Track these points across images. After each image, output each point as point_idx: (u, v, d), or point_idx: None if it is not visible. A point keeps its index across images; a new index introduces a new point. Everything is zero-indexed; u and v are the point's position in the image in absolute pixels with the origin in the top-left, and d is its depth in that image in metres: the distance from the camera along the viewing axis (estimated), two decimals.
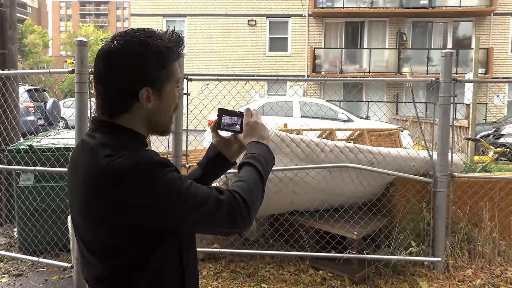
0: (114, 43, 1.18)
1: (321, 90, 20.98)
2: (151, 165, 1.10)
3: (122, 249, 1.12)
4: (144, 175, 1.08)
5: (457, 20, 20.82)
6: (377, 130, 7.26)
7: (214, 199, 1.14)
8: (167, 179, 1.10)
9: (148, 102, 1.19)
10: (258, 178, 1.27)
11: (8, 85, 5.14)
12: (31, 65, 50.27)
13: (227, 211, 1.14)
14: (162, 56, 1.18)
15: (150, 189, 1.07)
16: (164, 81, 1.21)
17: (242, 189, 1.19)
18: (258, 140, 1.40)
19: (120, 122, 1.20)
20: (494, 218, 4.17)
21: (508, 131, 10.97)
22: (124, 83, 1.17)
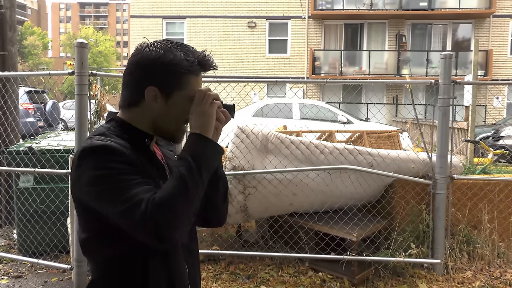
0: (148, 43, 1.28)
1: (321, 92, 20.99)
2: (97, 149, 1.16)
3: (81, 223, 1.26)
4: (87, 157, 1.17)
5: (457, 22, 20.84)
6: (376, 132, 7.26)
7: (130, 205, 1.10)
8: (104, 165, 1.15)
9: (154, 102, 1.26)
10: (181, 184, 1.13)
11: (8, 86, 5.14)
12: (31, 66, 50.30)
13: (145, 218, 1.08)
14: (176, 63, 1.24)
15: (86, 170, 1.16)
16: (174, 87, 1.26)
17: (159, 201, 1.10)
18: (193, 131, 1.23)
19: (126, 115, 1.31)
20: (493, 220, 4.17)
21: (507, 133, 10.98)
22: (136, 78, 1.27)
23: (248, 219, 4.19)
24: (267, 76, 21.27)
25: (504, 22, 20.30)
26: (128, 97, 1.30)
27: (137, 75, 1.27)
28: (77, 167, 1.19)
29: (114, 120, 1.31)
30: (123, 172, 1.15)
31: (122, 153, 1.18)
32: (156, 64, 1.24)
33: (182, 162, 1.17)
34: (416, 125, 8.44)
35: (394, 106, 19.85)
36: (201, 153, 1.20)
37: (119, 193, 1.12)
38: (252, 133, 3.98)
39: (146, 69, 1.25)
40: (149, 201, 1.09)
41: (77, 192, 1.21)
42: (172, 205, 1.10)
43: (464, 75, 17.37)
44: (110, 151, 1.17)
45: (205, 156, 1.20)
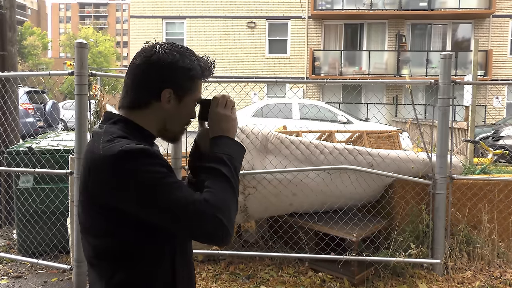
0: (156, 46, 1.29)
1: (321, 92, 20.99)
2: (138, 153, 1.14)
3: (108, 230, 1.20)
4: (129, 162, 1.13)
5: (456, 22, 20.85)
6: (376, 132, 7.27)
7: (184, 205, 1.12)
8: (147, 168, 1.14)
9: (167, 104, 1.28)
10: (227, 184, 1.20)
11: (8, 87, 5.14)
12: (31, 67, 50.30)
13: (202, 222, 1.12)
14: (193, 68, 1.29)
15: (128, 175, 1.13)
16: (187, 91, 1.30)
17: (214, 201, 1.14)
18: (221, 134, 1.31)
19: (132, 116, 1.29)
20: (493, 220, 4.17)
21: (507, 133, 10.98)
22: (152, 79, 1.27)
23: (248, 219, 4.19)
24: (267, 76, 21.27)
25: (503, 22, 20.31)
26: (137, 99, 1.28)
27: (152, 77, 1.26)
28: (115, 171, 1.13)
29: (122, 121, 1.28)
30: (168, 174, 1.16)
31: (161, 156, 1.19)
32: (174, 67, 1.26)
33: (221, 163, 1.23)
34: (416, 125, 8.44)
35: (394, 106, 19.86)
36: (235, 155, 1.28)
37: (173, 195, 1.13)
38: (252, 133, 3.98)
39: (163, 71, 1.26)
40: (203, 201, 1.13)
41: (112, 199, 1.16)
42: (228, 204, 1.16)
43: (464, 75, 17.38)
44: (153, 155, 1.16)
45: (238, 158, 1.29)
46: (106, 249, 1.21)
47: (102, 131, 1.24)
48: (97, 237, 1.22)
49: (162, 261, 1.24)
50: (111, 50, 66.22)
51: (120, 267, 1.22)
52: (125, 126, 1.27)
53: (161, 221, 1.15)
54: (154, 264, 1.23)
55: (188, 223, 1.12)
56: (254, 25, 21.63)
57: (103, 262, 1.23)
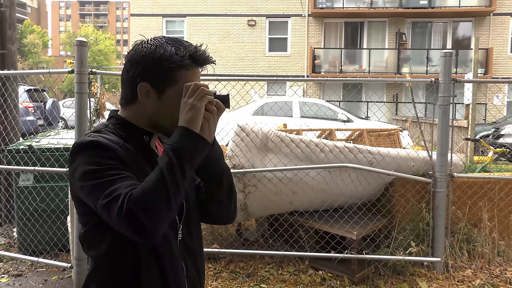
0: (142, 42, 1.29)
1: (321, 90, 20.98)
2: (86, 145, 1.20)
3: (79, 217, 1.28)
4: (77, 153, 1.21)
5: (457, 21, 20.82)
6: (376, 130, 7.26)
7: (109, 200, 1.10)
8: (92, 160, 1.17)
9: (147, 98, 1.27)
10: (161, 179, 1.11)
11: (8, 85, 5.14)
12: (31, 65, 50.26)
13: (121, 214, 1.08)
14: (167, 58, 1.24)
15: (76, 166, 1.20)
16: (165, 83, 1.25)
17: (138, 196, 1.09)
18: (181, 124, 1.20)
19: (125, 112, 1.33)
20: (493, 218, 4.17)
21: (508, 131, 10.98)
22: (130, 75, 1.28)
23: (248, 217, 4.19)
24: (267, 75, 21.25)
25: (504, 20, 20.28)
26: (125, 95, 1.31)
27: (131, 72, 1.28)
28: (70, 162, 1.22)
29: (113, 117, 1.33)
30: (109, 167, 1.16)
31: (110, 149, 1.19)
32: (146, 60, 1.25)
33: (163, 156, 1.15)
34: (416, 124, 8.43)
35: (394, 104, 19.85)
36: (184, 147, 1.16)
37: (102, 188, 1.13)
38: (252, 132, 3.97)
39: (137, 65, 1.26)
40: (126, 196, 1.09)
41: (72, 188, 1.25)
42: (149, 200, 1.09)
43: (464, 73, 17.37)
44: (98, 147, 1.19)
45: (188, 150, 1.16)
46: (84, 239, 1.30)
47: None
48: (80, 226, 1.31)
49: (123, 255, 1.24)
50: (111, 48, 66.15)
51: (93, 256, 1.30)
52: (115, 122, 1.32)
53: (98, 212, 1.17)
54: (116, 257, 1.25)
55: (110, 218, 1.12)
56: (254, 23, 21.61)
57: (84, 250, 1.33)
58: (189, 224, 1.36)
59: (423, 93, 19.69)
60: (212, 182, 1.35)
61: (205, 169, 1.32)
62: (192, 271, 1.36)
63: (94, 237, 1.26)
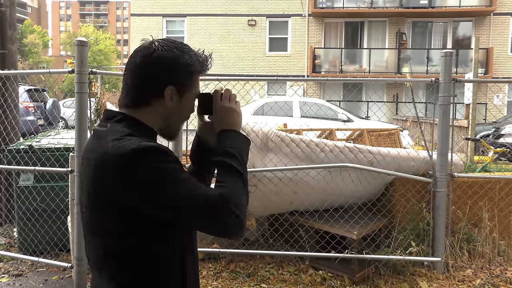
0: (155, 43, 1.28)
1: (321, 90, 20.97)
2: (151, 151, 1.14)
3: (120, 232, 1.18)
4: (142, 160, 1.13)
5: (457, 20, 20.82)
6: (376, 130, 7.26)
7: (203, 201, 1.13)
8: (162, 166, 1.14)
9: (170, 101, 1.29)
10: (239, 178, 1.22)
11: (8, 85, 5.14)
12: (31, 65, 50.26)
13: (217, 218, 1.13)
14: (192, 64, 1.30)
15: (145, 173, 1.12)
16: (187, 87, 1.31)
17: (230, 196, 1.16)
18: (227, 127, 1.32)
19: (135, 115, 1.28)
20: (493, 218, 4.17)
21: (508, 131, 10.97)
22: (155, 77, 1.26)
23: (249, 217, 4.19)
24: (267, 74, 21.25)
25: (504, 20, 20.27)
26: (139, 97, 1.28)
27: (153, 75, 1.26)
28: (126, 171, 1.12)
29: (126, 120, 1.27)
30: (180, 171, 1.17)
31: (171, 153, 1.19)
32: (175, 65, 1.27)
33: (230, 157, 1.25)
34: (417, 123, 8.43)
35: (395, 104, 19.85)
36: (243, 148, 1.30)
37: (189, 191, 1.14)
38: (253, 131, 3.97)
39: (164, 69, 1.26)
40: (220, 196, 1.14)
41: (125, 198, 1.14)
42: (240, 197, 1.18)
43: (464, 73, 17.36)
44: (164, 152, 1.16)
45: (245, 150, 1.31)
46: (116, 250, 1.19)
47: (106, 130, 1.22)
48: (107, 237, 1.20)
49: (171, 262, 1.24)
50: (112, 48, 66.17)
51: (129, 267, 1.20)
52: (130, 124, 1.25)
53: (179, 218, 1.15)
54: (163, 265, 1.22)
55: (206, 219, 1.14)
56: (254, 23, 21.60)
57: (111, 262, 1.21)
58: None
59: (423, 93, 19.69)
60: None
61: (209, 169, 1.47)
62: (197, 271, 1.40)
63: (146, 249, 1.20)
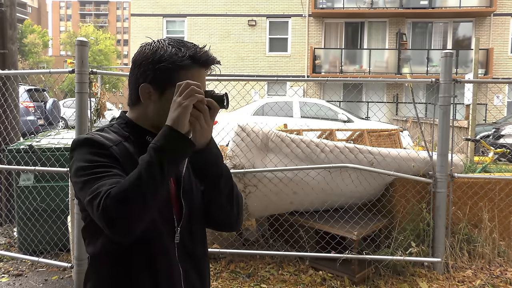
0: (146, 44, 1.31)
1: (321, 90, 20.97)
2: (79, 143, 1.24)
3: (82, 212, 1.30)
4: (72, 150, 1.25)
5: (457, 21, 20.81)
6: (377, 130, 7.26)
7: (92, 196, 1.13)
8: (85, 157, 1.21)
9: (148, 100, 1.29)
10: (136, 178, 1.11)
11: (8, 85, 5.14)
12: (31, 65, 50.25)
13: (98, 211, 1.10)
14: (167, 59, 1.25)
15: (72, 162, 1.24)
16: (166, 83, 1.26)
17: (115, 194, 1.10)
18: (167, 123, 1.17)
19: (131, 113, 1.35)
20: (494, 219, 4.17)
21: (508, 131, 10.97)
22: (134, 77, 1.31)
23: (249, 217, 4.19)
24: (268, 75, 21.25)
25: (504, 21, 20.27)
26: (130, 96, 1.35)
27: (134, 74, 1.31)
28: (70, 159, 1.27)
29: (120, 118, 1.37)
30: (98, 164, 1.18)
31: (103, 146, 1.22)
32: (147, 62, 1.27)
33: (145, 155, 1.14)
34: (417, 124, 8.43)
35: (395, 104, 19.85)
36: (166, 147, 1.13)
37: (89, 185, 1.15)
38: (253, 132, 3.97)
39: (139, 67, 1.29)
40: (105, 194, 1.10)
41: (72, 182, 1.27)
42: (125, 198, 1.08)
43: (464, 73, 17.34)
44: (91, 144, 1.22)
45: (170, 150, 1.14)
46: (84, 235, 1.33)
47: None
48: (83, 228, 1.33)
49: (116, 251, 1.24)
50: (112, 48, 66.19)
51: (90, 252, 1.31)
52: (121, 121, 1.35)
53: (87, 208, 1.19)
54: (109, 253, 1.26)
55: (93, 214, 1.14)
56: (254, 23, 21.60)
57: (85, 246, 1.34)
58: (190, 227, 1.35)
59: (423, 94, 19.69)
60: (209, 185, 1.31)
61: (201, 172, 1.29)
62: (192, 274, 1.34)
63: (91, 233, 1.29)
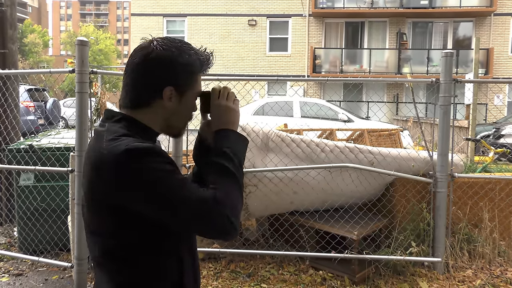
0: (154, 43, 1.27)
1: (321, 90, 20.97)
2: (144, 152, 1.14)
3: (116, 230, 1.18)
4: (135, 161, 1.12)
5: (457, 21, 20.81)
6: (377, 130, 7.26)
7: (197, 204, 1.13)
8: (154, 166, 1.13)
9: (169, 101, 1.27)
10: (233, 180, 1.20)
11: (9, 84, 5.14)
12: (31, 64, 50.23)
13: (211, 220, 1.13)
14: (192, 64, 1.28)
15: (137, 174, 1.12)
16: (187, 86, 1.29)
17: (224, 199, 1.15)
18: (223, 126, 1.28)
19: (135, 115, 1.27)
20: (494, 219, 4.17)
21: (508, 131, 10.97)
22: (153, 78, 1.25)
23: (249, 217, 4.19)
24: (268, 74, 21.25)
25: (505, 21, 20.27)
26: (138, 97, 1.27)
27: (152, 76, 1.25)
28: (121, 170, 1.12)
29: (125, 120, 1.26)
30: (174, 171, 1.16)
31: (165, 154, 1.18)
32: (174, 65, 1.25)
33: (225, 158, 1.22)
34: (417, 124, 8.44)
35: (395, 104, 19.84)
36: (239, 148, 1.26)
37: (182, 192, 1.13)
38: (253, 131, 3.97)
39: (163, 69, 1.24)
40: (212, 199, 1.13)
41: (119, 198, 1.14)
42: (234, 200, 1.17)
43: (465, 73, 17.35)
44: (158, 153, 1.16)
45: (241, 151, 1.27)
46: (114, 249, 1.20)
47: (104, 130, 1.23)
48: (104, 237, 1.20)
49: (169, 262, 1.24)
50: (112, 48, 66.19)
51: (127, 267, 1.21)
52: (128, 124, 1.25)
53: (170, 220, 1.14)
54: (160, 264, 1.22)
55: (198, 221, 1.13)
56: (255, 23, 21.60)
57: (109, 262, 1.22)
58: None
59: (423, 93, 19.69)
60: None
61: None
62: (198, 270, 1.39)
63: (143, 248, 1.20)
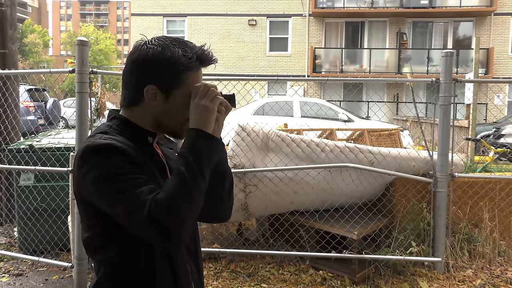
0: (146, 42, 1.27)
1: (321, 90, 20.97)
2: (99, 149, 1.16)
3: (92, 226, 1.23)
4: (91, 157, 1.16)
5: (458, 20, 20.80)
6: (377, 130, 7.25)
7: (134, 206, 1.10)
8: (108, 165, 1.14)
9: (153, 101, 1.26)
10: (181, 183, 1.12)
11: (9, 84, 5.14)
12: (31, 64, 50.22)
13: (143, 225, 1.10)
14: (176, 61, 1.23)
15: (90, 170, 1.15)
16: (173, 85, 1.25)
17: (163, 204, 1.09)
18: (194, 126, 1.20)
19: (128, 113, 1.30)
20: (494, 218, 4.17)
21: (509, 131, 10.96)
22: (135, 77, 1.26)
23: (249, 217, 4.19)
24: (268, 74, 21.24)
25: (505, 20, 20.26)
26: (129, 96, 1.29)
27: (136, 74, 1.26)
28: (80, 166, 1.17)
29: (116, 118, 1.30)
30: (128, 171, 1.14)
31: (126, 152, 1.17)
32: (154, 62, 1.23)
33: (181, 160, 1.15)
34: (417, 123, 8.44)
35: (395, 104, 19.84)
36: (201, 150, 1.17)
37: (124, 193, 1.12)
38: (253, 131, 3.97)
39: (144, 67, 1.24)
40: (152, 202, 1.09)
41: (80, 191, 1.20)
42: (175, 205, 1.10)
43: (465, 73, 17.35)
44: (114, 150, 1.16)
45: (205, 152, 1.18)
46: (89, 243, 1.25)
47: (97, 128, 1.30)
48: (83, 230, 1.26)
49: (137, 258, 1.22)
50: (112, 48, 66.17)
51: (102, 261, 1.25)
52: (119, 123, 1.29)
53: (117, 217, 1.14)
54: (129, 261, 1.22)
55: (136, 226, 1.11)
56: (255, 23, 21.60)
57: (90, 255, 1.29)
58: None
59: (423, 93, 19.68)
60: (216, 181, 1.34)
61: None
62: (194, 271, 1.36)
63: (103, 240, 1.23)
